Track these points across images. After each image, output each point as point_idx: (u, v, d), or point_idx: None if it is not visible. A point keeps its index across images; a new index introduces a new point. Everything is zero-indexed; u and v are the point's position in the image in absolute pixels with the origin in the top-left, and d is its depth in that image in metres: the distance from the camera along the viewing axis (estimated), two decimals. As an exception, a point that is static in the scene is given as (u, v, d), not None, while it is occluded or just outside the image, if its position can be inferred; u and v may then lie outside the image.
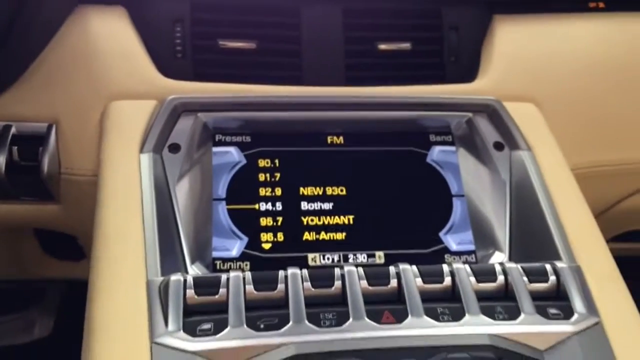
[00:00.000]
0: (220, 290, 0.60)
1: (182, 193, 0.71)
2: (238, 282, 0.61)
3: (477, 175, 0.78)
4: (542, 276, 0.65)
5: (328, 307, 0.60)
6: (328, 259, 0.75)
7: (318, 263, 0.75)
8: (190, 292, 0.60)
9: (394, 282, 0.63)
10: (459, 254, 0.78)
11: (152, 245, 0.64)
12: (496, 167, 0.77)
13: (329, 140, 0.79)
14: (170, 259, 0.68)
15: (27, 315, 1.28)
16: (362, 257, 0.76)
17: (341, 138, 0.79)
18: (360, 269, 0.63)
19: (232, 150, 0.77)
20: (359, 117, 0.80)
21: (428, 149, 0.80)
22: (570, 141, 0.82)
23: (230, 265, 0.74)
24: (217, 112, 0.77)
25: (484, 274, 0.65)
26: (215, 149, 0.76)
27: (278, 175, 0.75)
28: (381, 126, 0.80)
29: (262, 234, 0.72)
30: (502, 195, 0.76)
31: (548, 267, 0.67)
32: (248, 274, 0.62)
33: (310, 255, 0.75)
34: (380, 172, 0.77)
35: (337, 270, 0.63)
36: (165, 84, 0.77)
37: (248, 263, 0.74)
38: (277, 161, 0.76)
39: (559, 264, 0.68)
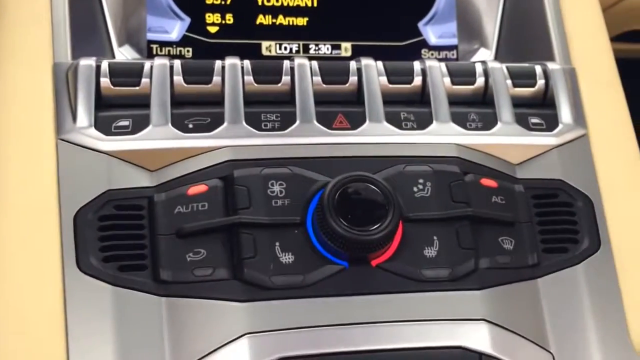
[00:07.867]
0: (143, 80, 0.50)
1: None
2: (164, 71, 0.50)
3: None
4: (528, 79, 0.55)
5: (272, 107, 0.51)
6: (285, 48, 0.65)
7: (273, 53, 0.65)
8: (105, 81, 0.49)
9: (353, 80, 0.53)
10: (438, 49, 0.68)
11: (61, 21, 0.52)
12: None
13: None
14: (90, 39, 0.56)
15: None
16: (325, 48, 0.66)
17: None
18: (315, 63, 0.53)
19: None
20: None
21: None
22: None
23: (169, 51, 0.63)
24: None
25: (462, 74, 0.55)
26: None
27: None
28: None
29: (207, 15, 0.64)
30: (498, -21, 0.66)
31: (538, 68, 0.56)
32: (177, 63, 0.51)
33: (265, 44, 0.65)
34: None
35: (286, 63, 0.52)
36: None
37: (190, 49, 0.63)
38: None
39: (550, 66, 0.57)
